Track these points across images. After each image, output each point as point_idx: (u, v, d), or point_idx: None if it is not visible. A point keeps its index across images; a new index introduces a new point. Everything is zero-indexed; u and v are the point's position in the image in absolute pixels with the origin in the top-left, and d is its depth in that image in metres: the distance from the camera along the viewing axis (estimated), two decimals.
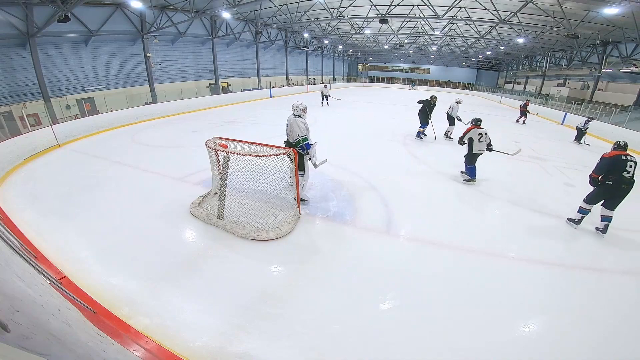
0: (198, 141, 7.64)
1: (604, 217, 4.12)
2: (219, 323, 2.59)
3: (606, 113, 13.69)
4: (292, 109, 4.53)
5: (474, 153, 5.84)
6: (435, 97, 9.28)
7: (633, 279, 3.41)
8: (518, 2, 14.26)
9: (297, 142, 4.36)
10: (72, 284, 2.83)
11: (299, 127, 4.34)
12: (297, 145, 4.36)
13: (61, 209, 4.59)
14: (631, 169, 3.81)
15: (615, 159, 3.89)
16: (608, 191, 3.99)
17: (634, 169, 3.84)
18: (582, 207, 4.31)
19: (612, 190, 3.94)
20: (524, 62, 30.96)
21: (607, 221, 4.10)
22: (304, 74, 32.80)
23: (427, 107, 9.11)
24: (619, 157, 3.88)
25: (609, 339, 2.60)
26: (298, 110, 4.48)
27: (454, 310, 2.83)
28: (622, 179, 3.84)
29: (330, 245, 3.80)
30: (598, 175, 4.02)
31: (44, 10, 11.15)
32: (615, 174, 3.87)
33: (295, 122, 4.36)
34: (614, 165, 3.88)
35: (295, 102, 4.54)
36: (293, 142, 4.42)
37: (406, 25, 22.29)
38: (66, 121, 9.79)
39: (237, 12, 18.25)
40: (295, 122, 4.36)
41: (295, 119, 4.41)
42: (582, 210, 4.32)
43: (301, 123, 4.38)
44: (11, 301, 0.99)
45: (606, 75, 19.68)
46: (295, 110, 4.49)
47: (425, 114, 9.20)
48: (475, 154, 5.83)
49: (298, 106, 4.50)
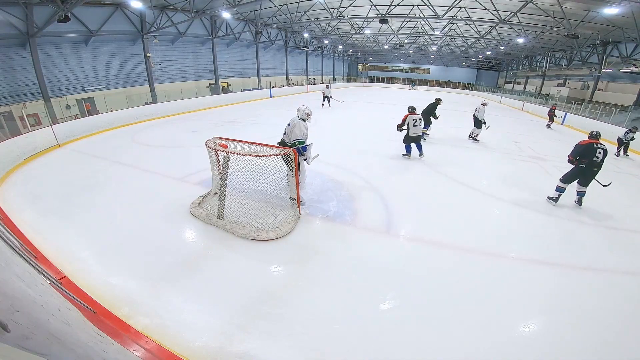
0: (198, 141, 7.64)
1: (579, 192, 5.04)
2: (219, 323, 2.59)
3: (606, 113, 13.68)
4: (297, 112, 4.59)
5: (410, 135, 7.18)
6: (440, 99, 9.49)
7: (633, 279, 3.41)
8: (518, 2, 14.25)
9: (292, 144, 4.40)
10: (72, 284, 2.83)
11: (300, 130, 4.41)
12: (292, 146, 4.40)
13: (61, 209, 4.59)
14: (600, 155, 4.61)
15: (588, 146, 4.69)
16: (581, 172, 4.82)
17: (603, 155, 4.62)
18: (559, 185, 5.10)
19: (585, 171, 4.78)
20: (524, 62, 30.95)
21: (581, 195, 5.04)
22: (304, 74, 32.79)
23: (432, 108, 9.24)
24: (591, 145, 4.67)
25: (610, 339, 2.60)
26: (303, 114, 4.56)
27: (454, 310, 2.83)
28: (592, 162, 4.67)
29: (330, 245, 3.80)
30: (573, 158, 4.81)
31: (44, 10, 11.16)
32: (588, 158, 4.69)
33: (298, 125, 4.42)
34: (586, 151, 4.67)
35: (301, 106, 4.62)
36: (289, 143, 4.46)
37: (406, 25, 22.28)
38: (66, 121, 9.80)
39: (237, 12, 18.25)
40: (299, 124, 4.43)
41: (299, 121, 4.47)
42: (559, 189, 5.11)
43: (303, 127, 4.46)
44: (11, 301, 0.99)
45: (606, 75, 19.68)
46: (301, 113, 4.56)
47: (428, 115, 9.31)
48: (411, 136, 7.17)
49: (303, 110, 4.58)
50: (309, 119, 4.63)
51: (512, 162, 7.68)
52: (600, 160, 4.64)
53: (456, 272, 3.40)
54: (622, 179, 6.96)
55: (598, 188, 5.04)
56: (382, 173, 6.36)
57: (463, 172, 6.62)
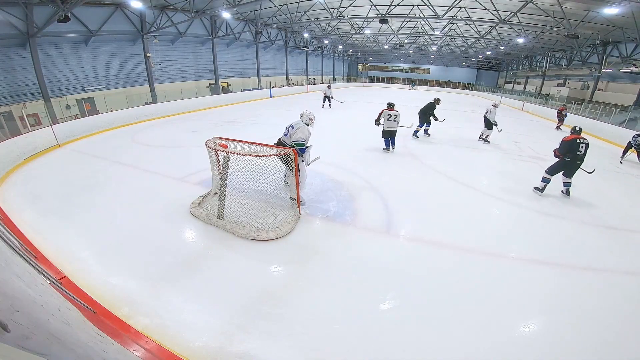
0: (198, 141, 7.64)
1: (565, 183, 5.49)
2: (219, 323, 2.59)
3: (606, 113, 13.68)
4: (301, 117, 4.59)
5: (385, 130, 7.58)
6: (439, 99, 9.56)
7: (633, 279, 3.41)
8: (518, 2, 14.25)
9: (291, 145, 4.37)
10: (72, 284, 2.83)
11: (303, 133, 4.40)
12: (297, 146, 4.38)
13: (61, 209, 4.59)
14: (582, 149, 5.10)
15: (572, 142, 5.14)
16: (566, 165, 5.28)
17: (585, 149, 5.10)
18: (544, 177, 5.52)
19: (569, 164, 5.24)
20: (524, 62, 30.95)
21: (567, 186, 5.49)
22: (304, 74, 32.79)
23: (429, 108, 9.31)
24: (574, 140, 5.13)
25: (610, 339, 2.60)
26: (307, 119, 4.57)
27: (454, 310, 2.83)
28: (576, 156, 5.14)
29: (330, 245, 3.80)
30: (561, 155, 5.28)
31: (44, 10, 11.15)
32: (572, 153, 5.14)
33: (303, 128, 4.41)
34: (571, 146, 5.14)
35: (305, 111, 4.64)
36: (288, 144, 4.44)
37: (406, 25, 22.28)
38: (66, 121, 9.79)
39: (237, 12, 18.25)
40: (303, 128, 4.43)
41: (304, 125, 4.48)
42: (545, 180, 5.53)
43: (307, 131, 4.46)
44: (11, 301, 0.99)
45: (606, 75, 19.67)
46: (304, 118, 4.57)
47: (425, 114, 9.38)
48: (385, 130, 7.57)
49: (307, 115, 4.59)
50: (312, 124, 4.64)
51: (512, 162, 7.68)
52: (583, 154, 5.13)
53: (456, 272, 3.40)
54: (622, 179, 6.96)
55: (598, 189, 5.06)
56: (382, 173, 6.35)
57: (463, 172, 6.63)
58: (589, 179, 5.72)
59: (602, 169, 7.47)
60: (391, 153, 7.85)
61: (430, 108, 9.35)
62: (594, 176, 5.74)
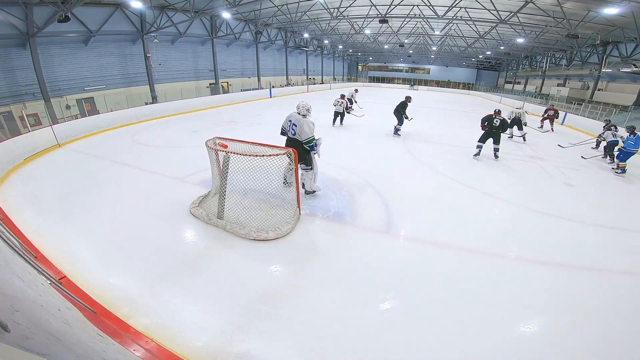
0: (198, 141, 7.63)
1: (495, 148, 7.62)
2: (219, 323, 2.59)
3: (606, 113, 13.67)
4: (297, 109, 4.57)
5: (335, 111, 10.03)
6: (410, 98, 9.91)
7: (633, 279, 3.41)
8: (518, 2, 14.25)
9: (307, 142, 4.45)
10: (72, 284, 2.83)
11: (309, 127, 4.43)
12: (307, 144, 4.45)
13: (61, 209, 4.59)
14: (497, 123, 7.39)
15: (489, 116, 7.52)
16: (488, 133, 7.53)
17: (500, 123, 7.39)
18: (478, 144, 7.66)
19: (490, 132, 7.52)
20: (524, 62, 30.93)
21: (496, 150, 7.63)
22: (304, 74, 32.77)
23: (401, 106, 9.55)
24: (490, 116, 7.52)
25: (610, 339, 2.60)
26: (303, 110, 4.54)
27: (454, 310, 2.83)
28: (492, 126, 7.44)
29: (330, 245, 3.80)
30: (482, 124, 7.61)
31: (44, 10, 11.14)
32: (489, 123, 7.45)
33: (306, 123, 4.43)
34: (488, 119, 7.49)
35: (301, 102, 4.60)
36: (303, 142, 4.47)
37: (406, 25, 22.26)
38: (66, 121, 9.80)
39: (237, 12, 18.22)
40: (306, 122, 4.43)
41: (303, 119, 4.47)
42: (478, 146, 7.66)
43: (311, 123, 4.48)
44: (11, 301, 0.99)
45: (606, 75, 19.67)
46: (301, 110, 4.54)
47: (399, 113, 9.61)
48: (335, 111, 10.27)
49: (304, 106, 4.56)
50: (309, 115, 4.62)
51: (512, 162, 7.69)
52: (498, 126, 7.39)
53: (456, 272, 3.40)
54: (622, 179, 6.96)
55: (598, 189, 5.05)
56: (382, 173, 6.35)
57: (463, 172, 6.63)
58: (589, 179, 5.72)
59: (602, 169, 7.49)
60: (391, 153, 7.86)
61: (402, 106, 9.55)
62: (594, 176, 5.75)
